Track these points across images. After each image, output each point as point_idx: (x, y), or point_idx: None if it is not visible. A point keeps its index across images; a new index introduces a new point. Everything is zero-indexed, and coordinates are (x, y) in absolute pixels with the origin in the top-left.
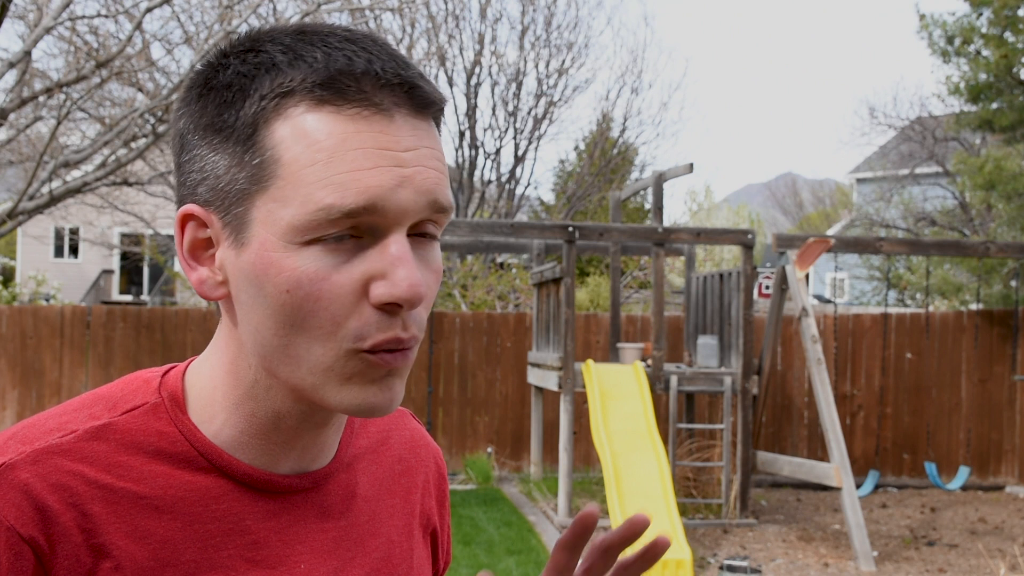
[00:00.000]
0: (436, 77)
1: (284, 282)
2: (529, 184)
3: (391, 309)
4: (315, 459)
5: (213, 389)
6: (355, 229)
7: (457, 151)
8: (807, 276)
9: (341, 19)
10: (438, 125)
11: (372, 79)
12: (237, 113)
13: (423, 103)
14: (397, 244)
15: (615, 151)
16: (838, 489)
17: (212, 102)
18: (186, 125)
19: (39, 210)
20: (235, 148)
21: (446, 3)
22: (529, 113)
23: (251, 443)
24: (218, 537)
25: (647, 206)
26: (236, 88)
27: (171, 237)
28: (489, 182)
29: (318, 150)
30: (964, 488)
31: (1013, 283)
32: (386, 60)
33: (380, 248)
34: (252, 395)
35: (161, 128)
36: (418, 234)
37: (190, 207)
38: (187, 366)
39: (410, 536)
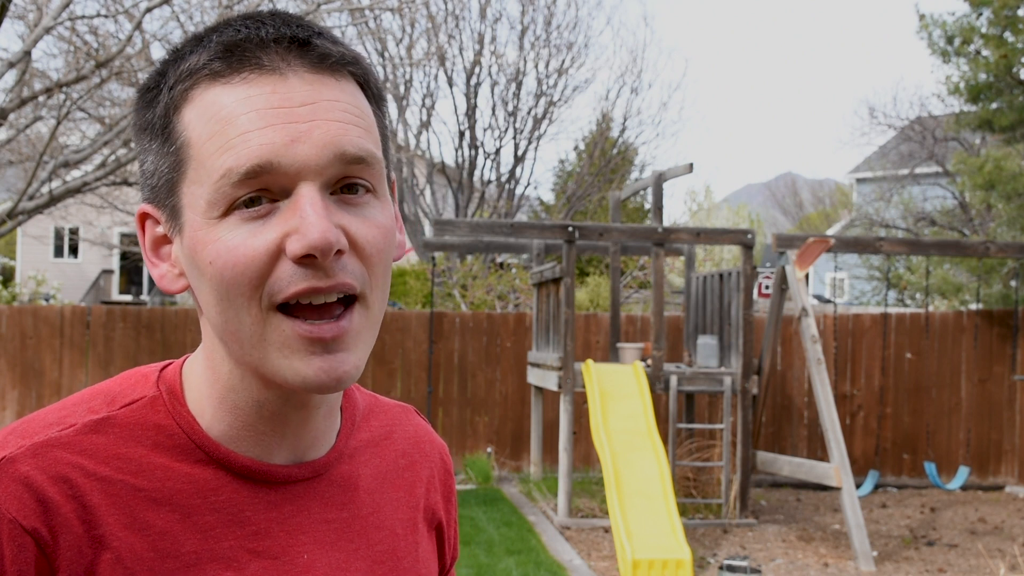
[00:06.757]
0: (436, 77)
1: (208, 255)
2: (529, 184)
3: (309, 262)
4: (310, 447)
5: (201, 384)
6: (267, 192)
7: (457, 151)
8: (807, 276)
9: (341, 19)
10: (364, 85)
11: (258, 44)
12: (155, 110)
13: (319, 58)
14: (304, 197)
15: (615, 151)
16: (838, 489)
17: (140, 106)
18: (132, 133)
19: (39, 210)
20: (158, 143)
21: (446, 3)
22: (529, 113)
23: (242, 435)
24: (218, 528)
25: (647, 206)
26: (153, 87)
27: None
28: (489, 182)
29: (216, 121)
30: (964, 488)
31: (1013, 283)
32: (278, 26)
33: (292, 205)
34: (231, 386)
35: None
36: (347, 189)
37: (142, 207)
38: (184, 361)
39: (414, 530)
